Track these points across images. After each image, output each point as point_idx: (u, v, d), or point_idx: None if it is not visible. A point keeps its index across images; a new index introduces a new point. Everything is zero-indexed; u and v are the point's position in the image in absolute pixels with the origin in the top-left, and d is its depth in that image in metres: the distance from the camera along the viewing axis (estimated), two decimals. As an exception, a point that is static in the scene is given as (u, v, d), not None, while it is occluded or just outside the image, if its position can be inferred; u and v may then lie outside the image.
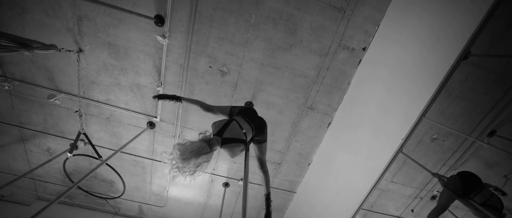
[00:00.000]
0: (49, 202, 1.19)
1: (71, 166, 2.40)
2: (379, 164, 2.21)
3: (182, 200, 2.74)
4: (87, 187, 2.58)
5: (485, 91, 2.10)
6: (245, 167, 1.00)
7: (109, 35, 1.72)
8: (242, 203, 0.80)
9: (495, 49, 1.88)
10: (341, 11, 1.68)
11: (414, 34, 1.70)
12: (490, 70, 2.00)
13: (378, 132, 2.02)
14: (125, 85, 1.93)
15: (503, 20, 1.78)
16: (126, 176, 2.48)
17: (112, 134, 2.20)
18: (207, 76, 1.90)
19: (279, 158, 2.37)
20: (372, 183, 2.34)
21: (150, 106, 2.05)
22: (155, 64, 1.84)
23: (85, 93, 1.96)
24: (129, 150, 2.30)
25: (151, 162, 2.39)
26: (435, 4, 1.60)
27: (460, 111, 2.14)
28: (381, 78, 1.87)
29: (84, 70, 1.85)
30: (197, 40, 1.74)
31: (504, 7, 1.58)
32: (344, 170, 2.36)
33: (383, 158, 2.10)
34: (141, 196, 2.70)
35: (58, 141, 2.23)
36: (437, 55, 1.72)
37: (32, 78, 1.88)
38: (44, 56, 1.78)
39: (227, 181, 2.53)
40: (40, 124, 2.14)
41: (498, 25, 1.76)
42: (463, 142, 2.45)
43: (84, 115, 2.07)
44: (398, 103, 1.88)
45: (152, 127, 2.13)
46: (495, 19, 1.63)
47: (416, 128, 1.67)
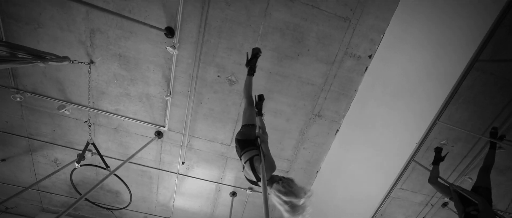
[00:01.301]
0: (53, 214, 1.17)
1: (77, 176, 2.38)
2: (389, 171, 2.18)
3: (189, 211, 2.69)
4: (93, 198, 2.55)
5: (492, 96, 2.11)
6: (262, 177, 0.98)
7: (120, 47, 1.76)
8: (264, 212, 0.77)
9: (500, 55, 1.91)
10: (346, 20, 1.71)
11: (420, 41, 1.73)
12: (497, 75, 2.02)
13: (388, 138, 2.01)
14: (134, 95, 1.95)
15: (505, 27, 1.81)
16: (133, 186, 2.45)
17: (120, 144, 2.20)
18: (215, 85, 1.92)
19: (287, 166, 2.35)
20: (382, 190, 2.30)
21: (158, 116, 2.06)
22: (164, 74, 1.87)
23: (94, 103, 1.98)
24: (136, 159, 2.30)
25: (158, 171, 2.37)
26: (439, 13, 1.64)
27: (468, 116, 2.14)
28: (388, 85, 1.89)
29: (95, 81, 1.88)
30: (206, 51, 1.78)
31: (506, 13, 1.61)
32: (353, 178, 2.33)
33: (393, 165, 2.08)
34: (147, 207, 2.65)
35: (66, 151, 2.23)
36: (444, 61, 1.74)
37: (43, 90, 1.91)
38: (56, 68, 1.81)
39: (235, 190, 2.49)
40: (48, 134, 2.14)
41: (501, 32, 1.79)
42: (472, 148, 2.42)
43: (93, 125, 2.08)
44: (407, 109, 1.88)
45: (160, 136, 2.13)
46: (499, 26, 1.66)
47: (431, 131, 1.67)
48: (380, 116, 1.97)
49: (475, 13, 1.61)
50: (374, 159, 2.16)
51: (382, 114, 1.96)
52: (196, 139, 2.18)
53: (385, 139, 2.04)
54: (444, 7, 1.62)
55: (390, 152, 2.07)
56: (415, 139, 1.84)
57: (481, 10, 1.63)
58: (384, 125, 2.00)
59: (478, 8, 1.62)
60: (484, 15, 1.61)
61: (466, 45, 1.68)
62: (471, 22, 1.63)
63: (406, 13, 1.68)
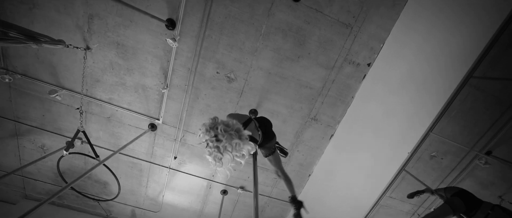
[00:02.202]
0: (36, 201, 1.13)
1: (64, 164, 2.31)
2: (380, 179, 2.21)
3: (178, 207, 2.66)
4: (80, 187, 2.48)
5: (483, 112, 2.17)
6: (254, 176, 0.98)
7: (119, 35, 1.72)
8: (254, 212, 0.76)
9: (493, 73, 1.97)
10: (348, 27, 1.73)
11: (418, 52, 1.76)
12: (488, 92, 2.08)
13: (381, 146, 2.04)
14: (130, 85, 1.91)
15: (499, 45, 1.87)
16: (122, 178, 2.40)
17: (111, 134, 2.15)
18: (214, 81, 1.90)
19: (280, 167, 2.35)
20: (372, 197, 2.34)
21: (153, 108, 2.02)
22: (162, 66, 1.84)
23: (88, 91, 1.93)
24: (128, 151, 2.25)
25: (149, 165, 2.33)
26: (439, 27, 1.67)
27: (459, 130, 2.19)
28: (384, 94, 1.92)
29: (90, 68, 1.83)
30: (206, 46, 1.76)
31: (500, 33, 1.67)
32: (344, 183, 2.35)
33: (384, 173, 2.11)
34: (135, 200, 2.60)
35: (54, 138, 2.16)
36: (440, 74, 1.78)
37: (34, 73, 1.85)
38: (50, 51, 1.76)
39: (226, 189, 2.47)
40: (37, 119, 2.07)
41: (495, 51, 1.85)
42: (460, 161, 2.49)
43: (85, 113, 2.02)
44: (401, 118, 1.92)
45: (154, 129, 2.09)
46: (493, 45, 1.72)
47: (423, 141, 1.70)
48: (375, 124, 2.00)
49: (472, 31, 1.65)
50: (366, 166, 2.19)
51: (377, 122, 1.98)
52: (190, 134, 2.15)
53: (378, 146, 2.06)
54: (443, 22, 1.66)
55: (382, 160, 2.10)
56: (408, 148, 1.87)
57: (478, 28, 1.67)
58: (378, 133, 2.03)
59: (476, 26, 1.67)
60: (480, 33, 1.65)
61: (462, 61, 1.72)
62: (468, 39, 1.67)
63: (407, 25, 1.71)
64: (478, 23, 1.65)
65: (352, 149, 2.15)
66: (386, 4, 1.67)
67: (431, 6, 1.63)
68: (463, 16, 1.64)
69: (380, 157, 2.07)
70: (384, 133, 2.00)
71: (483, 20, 1.65)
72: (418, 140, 1.78)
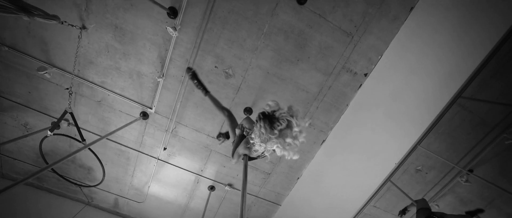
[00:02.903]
0: (13, 181, 1.08)
1: (47, 145, 2.22)
2: (366, 187, 2.26)
3: (163, 199, 2.61)
4: (62, 171, 2.39)
5: (468, 132, 2.26)
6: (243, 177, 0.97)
7: (118, 17, 1.67)
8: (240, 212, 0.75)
9: (480, 95, 2.05)
10: (349, 35, 1.76)
11: (413, 67, 1.81)
12: (474, 113, 2.17)
13: (370, 155, 2.09)
14: (125, 70, 1.86)
15: (488, 70, 1.96)
16: (108, 164, 2.34)
17: (100, 119, 2.09)
18: (211, 75, 1.88)
19: (269, 168, 2.35)
20: (356, 205, 2.38)
21: (146, 97, 1.98)
22: (160, 55, 1.80)
23: (80, 72, 1.86)
24: (116, 138, 2.19)
25: (138, 154, 2.27)
26: (435, 45, 1.73)
27: (445, 147, 2.28)
28: (377, 105, 1.96)
29: (84, 48, 1.77)
30: (207, 39, 1.74)
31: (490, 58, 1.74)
32: (331, 189, 2.38)
33: (371, 182, 2.16)
34: (119, 188, 2.54)
35: (39, 117, 2.07)
36: (432, 90, 1.83)
37: (24, 47, 1.77)
38: (42, 26, 1.69)
39: (214, 184, 2.45)
40: (22, 96, 1.98)
41: (484, 74, 1.93)
42: (443, 177, 2.58)
43: (74, 94, 1.95)
44: (391, 130, 1.96)
45: (145, 118, 2.05)
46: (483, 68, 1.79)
47: (411, 154, 1.75)
48: (366, 133, 2.04)
49: (465, 52, 1.72)
50: (354, 173, 2.22)
51: (368, 132, 2.02)
52: (182, 126, 2.12)
53: (367, 155, 2.10)
54: (439, 41, 1.71)
55: (370, 169, 2.14)
56: (395, 159, 1.92)
57: (471, 50, 1.74)
58: (368, 142, 2.07)
59: (469, 48, 1.73)
60: (472, 56, 1.72)
61: (453, 80, 1.78)
62: (460, 60, 1.73)
63: (405, 41, 1.75)
64: (470, 46, 1.72)
65: (342, 156, 2.18)
66: (388, 17, 1.71)
67: (428, 25, 1.69)
68: (457, 38, 1.70)
69: (369, 165, 2.12)
70: (374, 142, 2.04)
71: (476, 44, 1.71)
72: (406, 152, 1.83)
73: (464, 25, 1.64)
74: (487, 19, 1.62)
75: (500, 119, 2.20)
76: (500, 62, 1.93)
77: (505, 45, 1.72)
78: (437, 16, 1.65)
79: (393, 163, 1.93)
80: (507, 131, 2.24)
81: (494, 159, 2.41)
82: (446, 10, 1.62)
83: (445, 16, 1.65)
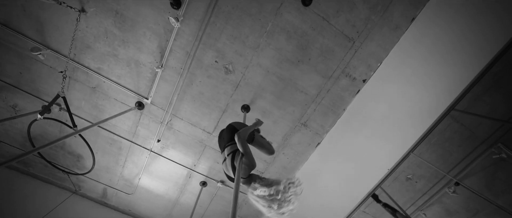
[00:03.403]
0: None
1: (36, 129, 2.15)
2: (357, 193, 2.28)
3: (153, 192, 2.57)
4: (50, 157, 2.32)
5: (459, 144, 2.32)
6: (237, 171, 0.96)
7: (119, 3, 1.63)
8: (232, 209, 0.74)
9: (472, 109, 2.11)
10: (351, 41, 1.77)
11: (411, 77, 1.84)
12: (466, 126, 2.23)
13: (364, 160, 2.11)
14: (123, 58, 1.83)
15: (481, 85, 2.01)
16: (98, 153, 2.28)
17: (94, 106, 2.04)
18: (211, 70, 1.87)
19: (263, 168, 2.35)
20: (346, 210, 2.40)
21: (143, 86, 1.95)
22: (160, 45, 1.77)
23: (75, 56, 1.81)
24: (109, 126, 2.14)
25: (130, 144, 2.23)
26: (432, 57, 1.76)
27: (435, 157, 2.33)
28: (374, 111, 1.98)
29: (82, 32, 1.72)
30: (209, 32, 1.72)
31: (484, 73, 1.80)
32: (322, 192, 2.40)
33: (362, 188, 2.18)
34: (109, 178, 2.48)
35: (30, 99, 2.01)
36: (428, 100, 1.87)
37: (18, 25, 1.71)
38: (39, 5, 1.63)
39: (206, 180, 2.43)
40: (13, 76, 1.92)
41: (477, 89, 1.99)
42: (432, 187, 2.64)
43: (68, 79, 1.90)
44: (386, 136, 1.99)
45: (141, 108, 2.01)
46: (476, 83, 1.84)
47: (404, 161, 1.78)
48: (361, 138, 2.06)
49: (461, 66, 1.76)
50: (346, 177, 2.25)
51: (363, 137, 2.05)
52: (178, 119, 2.09)
53: (360, 160, 2.13)
54: (436, 53, 1.75)
55: (362, 173, 2.16)
56: (388, 165, 1.95)
57: (467, 64, 1.78)
58: (362, 148, 2.10)
59: (465, 62, 1.78)
60: (468, 70, 1.76)
61: (448, 92, 1.82)
62: (456, 73, 1.77)
63: (404, 50, 1.78)
64: (466, 60, 1.76)
65: (335, 159, 2.20)
66: (389, 26, 1.73)
67: (427, 37, 1.72)
68: (454, 51, 1.74)
69: (362, 170, 2.14)
70: (368, 147, 2.07)
71: (472, 59, 1.76)
72: (398, 159, 1.86)
73: (462, 40, 1.68)
74: (483, 37, 1.66)
75: (489, 133, 2.26)
76: (493, 79, 1.99)
77: (497, 63, 1.77)
78: (437, 29, 1.69)
79: (385, 170, 1.96)
80: (495, 146, 2.31)
81: (481, 172, 2.47)
82: (445, 24, 1.66)
83: (444, 30, 1.69)
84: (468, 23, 1.63)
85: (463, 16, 1.62)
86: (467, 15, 1.60)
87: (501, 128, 2.21)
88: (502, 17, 1.58)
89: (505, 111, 2.14)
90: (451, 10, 1.61)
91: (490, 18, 1.59)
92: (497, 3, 1.55)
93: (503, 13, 1.57)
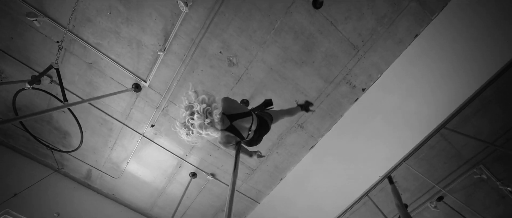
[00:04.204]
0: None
1: (23, 100, 2.04)
2: (345, 198, 2.32)
3: (140, 178, 2.51)
4: (35, 131, 2.21)
5: (444, 161, 2.42)
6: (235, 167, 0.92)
7: (127, -20, 1.58)
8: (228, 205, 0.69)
9: (461, 129, 2.20)
10: (355, 49, 1.80)
11: (409, 91, 1.90)
12: (452, 145, 2.32)
13: (355, 167, 2.15)
14: (125, 37, 1.77)
15: (470, 108, 2.10)
16: (87, 132, 2.20)
17: (88, 82, 1.96)
18: (214, 60, 1.84)
19: (255, 164, 2.35)
20: (332, 215, 2.44)
21: (143, 69, 1.89)
22: (165, 28, 1.73)
23: (74, 28, 1.74)
24: (102, 105, 2.07)
25: (122, 126, 2.16)
26: (430, 73, 1.82)
27: (422, 172, 2.41)
28: (369, 120, 2.03)
29: (84, 3, 1.65)
30: (217, 22, 1.70)
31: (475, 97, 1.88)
32: (311, 195, 2.42)
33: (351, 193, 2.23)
34: (95, 160, 2.40)
35: (19, 67, 1.90)
36: (423, 114, 1.93)
37: (15, -12, 1.61)
38: (42, -30, 1.55)
39: (196, 172, 2.40)
40: (3, 40, 1.81)
41: (467, 111, 2.08)
42: (415, 200, 2.72)
43: (64, 50, 1.82)
44: (379, 146, 2.04)
45: (137, 90, 1.96)
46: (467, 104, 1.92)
47: (395, 169, 1.82)
48: (354, 145, 2.10)
49: (456, 86, 1.83)
50: (336, 183, 2.28)
51: (357, 144, 2.09)
52: (175, 106, 2.05)
53: (352, 167, 2.17)
54: (435, 71, 1.81)
55: (352, 180, 2.20)
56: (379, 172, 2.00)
57: (458, 87, 1.86)
58: (355, 155, 2.14)
59: (456, 85, 1.85)
60: (461, 91, 1.84)
61: (442, 110, 1.90)
62: (452, 92, 1.85)
63: (405, 64, 1.83)
64: (462, 82, 1.84)
65: (327, 164, 2.23)
66: (394, 39, 1.77)
67: (426, 54, 1.78)
68: (452, 71, 1.81)
69: (352, 177, 2.18)
70: (360, 155, 2.11)
71: (467, 81, 1.84)
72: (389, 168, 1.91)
73: (460, 61, 1.76)
74: (482, 59, 1.74)
75: (473, 154, 2.37)
76: (482, 103, 2.09)
77: (488, 88, 1.86)
78: (437, 48, 1.75)
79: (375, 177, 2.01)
80: (477, 167, 2.42)
81: (462, 191, 2.58)
82: (447, 43, 1.72)
83: (444, 49, 1.75)
84: (468, 44, 1.70)
85: (464, 38, 1.69)
86: (468, 37, 1.67)
87: (485, 150, 2.32)
88: (500, 43, 1.66)
89: (489, 134, 2.26)
90: (454, 30, 1.68)
91: (489, 42, 1.66)
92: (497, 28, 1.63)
93: (502, 39, 1.65)
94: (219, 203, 2.61)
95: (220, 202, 2.60)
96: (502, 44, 1.66)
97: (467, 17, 1.64)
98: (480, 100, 2.05)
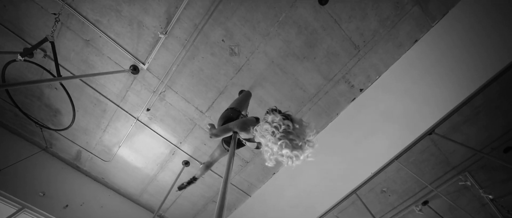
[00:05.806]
0: None
1: (13, 72, 1.96)
2: (333, 195, 2.36)
3: (131, 163, 2.47)
4: (24, 106, 2.13)
5: (432, 166, 2.50)
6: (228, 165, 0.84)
7: (132, -44, 1.54)
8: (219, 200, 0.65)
9: (450, 135, 2.28)
10: (356, 48, 1.83)
11: (405, 93, 1.95)
12: (441, 151, 2.40)
13: (347, 165, 2.19)
14: (126, 16, 1.72)
15: (462, 116, 2.18)
16: (80, 112, 2.14)
17: (84, 60, 1.90)
18: (215, 48, 1.82)
19: (249, 157, 2.35)
20: (320, 211, 2.48)
21: (142, 50, 1.86)
22: (168, 10, 1.70)
23: (73, 1, 1.68)
24: (96, 85, 2.02)
25: (116, 108, 2.12)
26: (426, 79, 1.87)
27: (411, 175, 2.48)
28: (365, 119, 2.06)
29: (85, -23, 1.60)
30: (221, 9, 1.68)
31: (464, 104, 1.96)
32: (302, 190, 2.46)
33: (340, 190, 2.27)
34: (86, 141, 2.34)
35: (10, 37, 1.82)
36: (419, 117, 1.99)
37: (13, -46, 1.54)
38: None
39: (189, 160, 2.38)
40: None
41: (457, 118, 2.15)
42: (402, 203, 2.80)
43: (61, 24, 1.75)
44: (372, 146, 2.08)
45: (135, 72, 1.92)
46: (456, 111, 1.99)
47: (387, 167, 1.86)
48: (348, 144, 2.14)
49: (450, 89, 1.89)
50: (328, 180, 2.32)
51: (350, 143, 2.12)
52: (172, 92, 2.02)
53: (344, 165, 2.20)
54: (433, 74, 1.86)
55: (343, 177, 2.24)
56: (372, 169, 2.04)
57: (451, 92, 1.92)
58: (348, 153, 2.17)
59: (450, 90, 1.91)
60: (453, 97, 1.90)
61: (433, 115, 1.95)
62: (447, 96, 1.90)
63: (404, 67, 1.88)
64: (453, 89, 1.90)
65: (320, 160, 2.26)
66: (394, 42, 1.81)
67: (425, 58, 1.83)
68: (446, 77, 1.86)
69: (343, 174, 2.22)
70: (352, 154, 2.15)
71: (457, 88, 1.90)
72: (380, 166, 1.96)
73: (457, 67, 1.81)
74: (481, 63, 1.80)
75: (460, 161, 2.45)
76: (472, 112, 2.17)
77: (478, 96, 1.93)
78: (437, 52, 1.80)
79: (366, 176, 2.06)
80: (462, 174, 2.51)
81: (446, 196, 2.67)
82: (447, 49, 1.77)
83: (443, 53, 1.80)
84: (468, 50, 1.75)
85: (464, 43, 1.74)
86: (469, 43, 1.73)
87: (471, 158, 2.41)
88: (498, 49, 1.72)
89: (476, 143, 2.35)
90: (454, 34, 1.72)
91: (488, 47, 1.72)
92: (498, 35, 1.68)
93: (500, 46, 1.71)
94: (210, 194, 2.61)
95: (211, 193, 2.60)
96: (501, 50, 1.73)
97: (463, 29, 1.69)
98: (471, 109, 2.12)
